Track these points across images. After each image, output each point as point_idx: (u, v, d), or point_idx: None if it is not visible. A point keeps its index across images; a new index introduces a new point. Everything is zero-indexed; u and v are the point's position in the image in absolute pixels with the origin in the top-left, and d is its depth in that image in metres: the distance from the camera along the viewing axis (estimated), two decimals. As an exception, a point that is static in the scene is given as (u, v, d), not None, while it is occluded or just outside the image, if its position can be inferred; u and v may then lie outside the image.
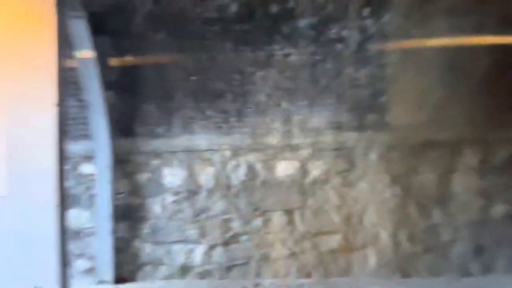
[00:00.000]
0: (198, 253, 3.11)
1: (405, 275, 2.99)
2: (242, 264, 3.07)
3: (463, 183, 3.00)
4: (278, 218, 3.07)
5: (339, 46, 2.98)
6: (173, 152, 3.14)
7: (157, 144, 3.16)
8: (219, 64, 3.06)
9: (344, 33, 2.94)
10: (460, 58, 2.92)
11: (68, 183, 3.28)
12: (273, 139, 3.07)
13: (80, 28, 2.96)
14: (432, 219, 3.01)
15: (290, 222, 3.07)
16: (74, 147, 3.09)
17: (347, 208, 3.05)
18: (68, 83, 2.63)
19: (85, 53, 3.04)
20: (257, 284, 2.98)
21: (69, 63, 2.87)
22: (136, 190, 3.18)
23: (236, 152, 3.08)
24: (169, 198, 3.14)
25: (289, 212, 3.07)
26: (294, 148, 3.09)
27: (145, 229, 3.18)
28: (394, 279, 2.98)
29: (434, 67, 2.95)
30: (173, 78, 3.10)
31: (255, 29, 3.00)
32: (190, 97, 3.10)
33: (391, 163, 3.03)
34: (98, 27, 3.04)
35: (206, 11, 2.95)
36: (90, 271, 3.18)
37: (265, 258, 3.06)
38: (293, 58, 3.03)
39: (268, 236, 3.07)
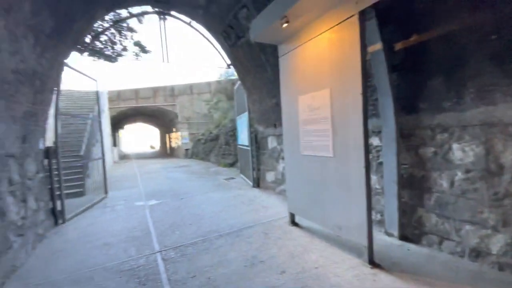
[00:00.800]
0: (496, 241, 2.04)
1: None
2: None
3: None
4: None
5: None
6: (465, 126, 2.18)
7: (444, 118, 2.34)
8: None
9: None
10: None
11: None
12: None
13: (371, 26, 2.70)
14: None
15: None
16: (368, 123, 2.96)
17: None
18: (368, 76, 2.49)
19: (375, 46, 2.75)
20: None
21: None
22: (420, 162, 2.56)
23: None
24: (459, 174, 2.24)
25: None
26: None
27: (430, 200, 2.49)
28: None
29: None
30: (464, 44, 2.14)
31: None
32: (489, 61, 2.01)
33: None
34: (384, 20, 2.64)
35: None
36: (378, 222, 2.98)
37: None
38: None
39: None
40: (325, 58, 2.70)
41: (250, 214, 4.07)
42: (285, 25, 2.74)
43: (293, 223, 3.47)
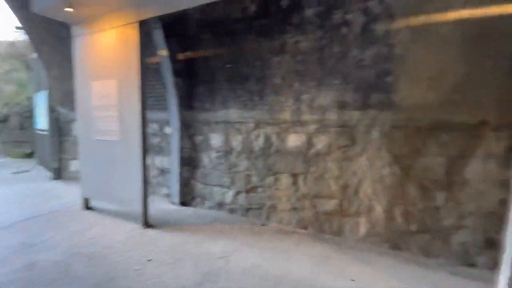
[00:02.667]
0: (229, 195, 3.15)
1: (395, 247, 2.34)
2: (257, 208, 3.01)
3: (478, 170, 2.04)
4: (285, 179, 2.87)
5: (344, 29, 2.32)
6: (217, 122, 3.16)
7: (206, 115, 3.24)
8: (245, 53, 2.85)
9: (349, 16, 2.26)
10: (483, 31, 1.89)
11: (157, 139, 3.73)
12: (286, 115, 2.74)
13: (158, 35, 3.19)
14: (434, 202, 2.21)
15: (295, 183, 2.83)
16: (162, 115, 3.51)
17: (345, 179, 2.58)
18: (148, 74, 2.97)
19: (162, 52, 3.26)
20: (263, 224, 2.85)
21: (156, 59, 3.19)
22: (194, 147, 3.39)
23: (258, 124, 2.91)
24: (213, 154, 3.21)
25: (294, 176, 2.82)
26: (303, 124, 2.72)
27: (198, 173, 3.37)
28: (382, 248, 2.37)
29: (449, 44, 2.01)
30: (215, 66, 3.07)
31: (270, 22, 2.63)
32: (226, 81, 3.02)
33: (393, 142, 2.31)
34: (169, 33, 3.21)
35: (234, 12, 2.73)
36: (167, 195, 3.63)
37: (273, 208, 2.95)
38: (303, 44, 2.55)
39: (277, 192, 2.91)
40: (115, 51, 2.96)
41: (39, 205, 3.65)
42: (68, 9, 2.72)
43: (88, 207, 3.51)
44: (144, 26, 2.79)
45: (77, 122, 3.44)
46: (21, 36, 10.86)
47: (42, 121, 5.72)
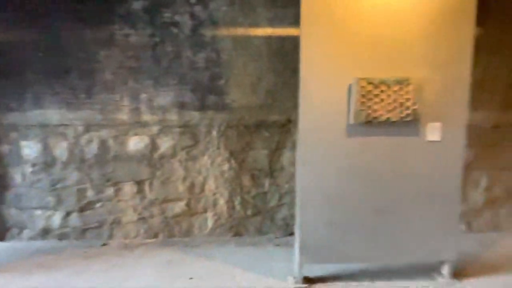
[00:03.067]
0: (56, 218, 2.45)
1: (237, 234, 2.49)
2: (96, 228, 2.49)
3: (290, 158, 2.44)
4: (129, 188, 2.52)
5: (174, 29, 2.23)
6: (28, 126, 2.36)
7: (12, 118, 2.37)
8: (64, 42, 2.26)
9: (177, 17, 2.19)
10: (283, 47, 2.28)
11: None
12: (123, 116, 2.37)
13: None
14: (263, 188, 2.47)
15: (140, 191, 2.50)
16: None
17: (191, 179, 2.51)
18: None
19: None
20: (104, 243, 2.38)
21: None
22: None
23: (89, 127, 2.39)
24: (28, 168, 2.40)
25: (139, 182, 2.50)
26: (144, 125, 2.43)
27: (10, 196, 2.45)
28: (226, 237, 2.48)
29: (262, 55, 2.31)
30: (22, 55, 2.29)
31: (94, 8, 2.20)
32: (40, 74, 2.31)
33: (229, 140, 2.44)
34: None
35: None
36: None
37: (117, 222, 2.54)
38: (133, 38, 2.27)
39: (120, 204, 2.50)
40: None
41: None
42: None
43: None
44: None
45: None
46: None
47: None
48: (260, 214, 2.73)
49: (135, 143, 2.67)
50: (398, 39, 1.80)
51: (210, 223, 2.72)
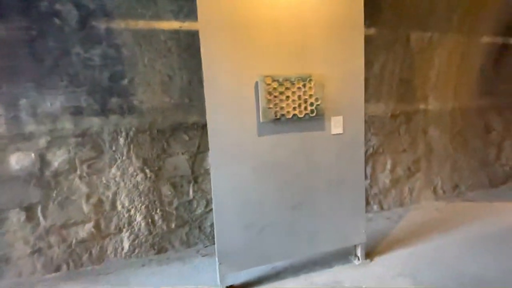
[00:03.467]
0: None
1: (161, 251, 2.21)
2: None
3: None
4: (15, 216, 1.95)
5: (57, 21, 1.81)
6: None
7: None
8: None
9: (58, 6, 1.77)
10: (194, 42, 2.08)
11: None
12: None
13: None
14: (187, 196, 2.24)
15: (31, 218, 1.98)
16: None
17: (97, 195, 2.09)
18: None
19: None
20: None
21: None
22: None
23: None
24: None
25: (28, 208, 1.97)
26: (28, 138, 1.93)
27: None
28: (148, 256, 2.17)
29: (171, 51, 2.06)
30: None
31: None
32: None
33: (141, 147, 2.11)
34: None
35: None
36: None
37: (6, 260, 1.95)
38: (2, 33, 1.76)
39: (5, 237, 1.91)
40: None
41: None
42: None
43: None
44: None
45: None
46: None
47: None
48: (186, 224, 2.52)
49: (18, 161, 2.15)
50: (300, 38, 1.82)
51: (126, 244, 2.39)
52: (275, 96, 1.77)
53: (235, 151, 1.77)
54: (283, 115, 1.80)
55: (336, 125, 1.94)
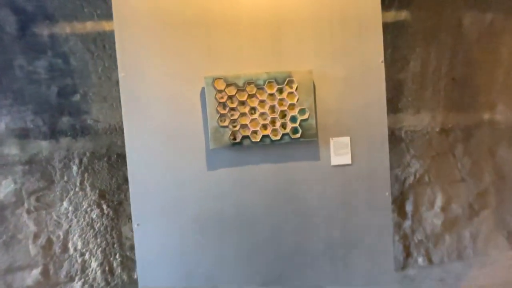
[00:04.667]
0: None
1: None
2: None
3: None
4: None
5: None
6: None
7: None
8: None
9: None
10: None
11: None
12: None
13: None
14: None
15: None
16: None
17: (46, 235, 1.65)
18: None
19: None
20: None
21: None
22: None
23: None
24: None
25: None
26: None
27: None
28: None
29: None
30: None
31: None
32: None
33: (98, 176, 1.65)
34: None
35: None
36: None
37: None
38: None
39: None
40: None
41: None
42: None
43: None
44: None
45: None
46: None
47: None
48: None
49: (-41, 192, 1.85)
50: (273, 14, 1.16)
51: (78, 296, 1.91)
52: (232, 109, 1.12)
53: (169, 197, 1.15)
54: (246, 137, 1.13)
55: (338, 151, 1.20)
